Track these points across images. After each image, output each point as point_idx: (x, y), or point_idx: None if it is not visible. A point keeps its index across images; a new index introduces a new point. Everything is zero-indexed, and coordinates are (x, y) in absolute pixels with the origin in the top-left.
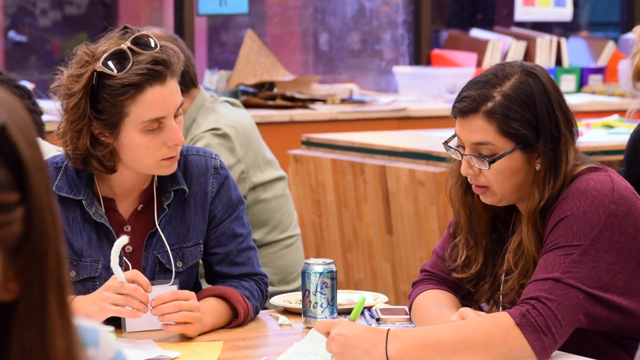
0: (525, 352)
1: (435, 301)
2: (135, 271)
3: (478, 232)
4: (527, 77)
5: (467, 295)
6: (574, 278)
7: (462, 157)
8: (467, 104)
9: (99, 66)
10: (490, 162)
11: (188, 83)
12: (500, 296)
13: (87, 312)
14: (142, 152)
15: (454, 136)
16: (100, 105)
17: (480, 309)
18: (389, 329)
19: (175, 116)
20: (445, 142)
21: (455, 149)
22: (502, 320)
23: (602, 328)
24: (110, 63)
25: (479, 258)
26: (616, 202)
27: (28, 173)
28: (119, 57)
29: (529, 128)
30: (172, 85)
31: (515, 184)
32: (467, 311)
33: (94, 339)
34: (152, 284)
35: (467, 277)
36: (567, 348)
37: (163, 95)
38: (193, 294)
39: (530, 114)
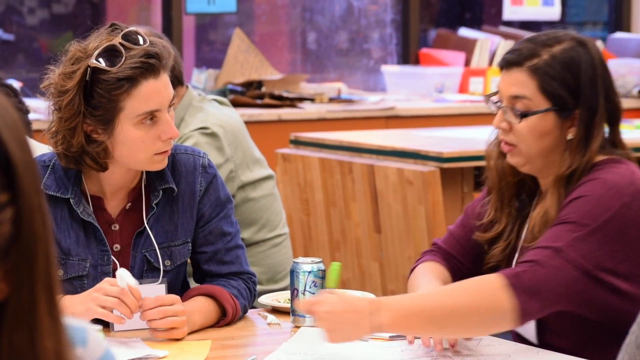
0: (509, 311)
1: (428, 272)
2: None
3: (505, 195)
4: (578, 45)
5: (475, 270)
6: (575, 252)
7: (498, 110)
8: (514, 56)
9: (92, 62)
10: (522, 116)
11: (174, 81)
12: (514, 263)
13: (74, 311)
14: (137, 146)
15: (495, 93)
16: (95, 100)
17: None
18: (372, 299)
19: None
20: (487, 95)
21: (494, 102)
22: (492, 281)
23: (601, 315)
24: (103, 58)
25: (502, 220)
26: (633, 195)
27: (18, 173)
28: (112, 52)
29: (568, 92)
30: (165, 79)
31: (542, 148)
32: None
33: (83, 338)
34: (140, 283)
35: (488, 238)
36: (566, 343)
37: (157, 88)
38: (178, 297)
39: (573, 78)
